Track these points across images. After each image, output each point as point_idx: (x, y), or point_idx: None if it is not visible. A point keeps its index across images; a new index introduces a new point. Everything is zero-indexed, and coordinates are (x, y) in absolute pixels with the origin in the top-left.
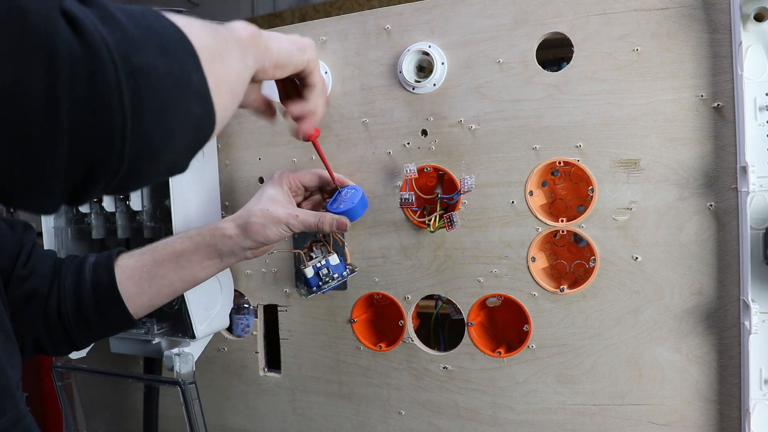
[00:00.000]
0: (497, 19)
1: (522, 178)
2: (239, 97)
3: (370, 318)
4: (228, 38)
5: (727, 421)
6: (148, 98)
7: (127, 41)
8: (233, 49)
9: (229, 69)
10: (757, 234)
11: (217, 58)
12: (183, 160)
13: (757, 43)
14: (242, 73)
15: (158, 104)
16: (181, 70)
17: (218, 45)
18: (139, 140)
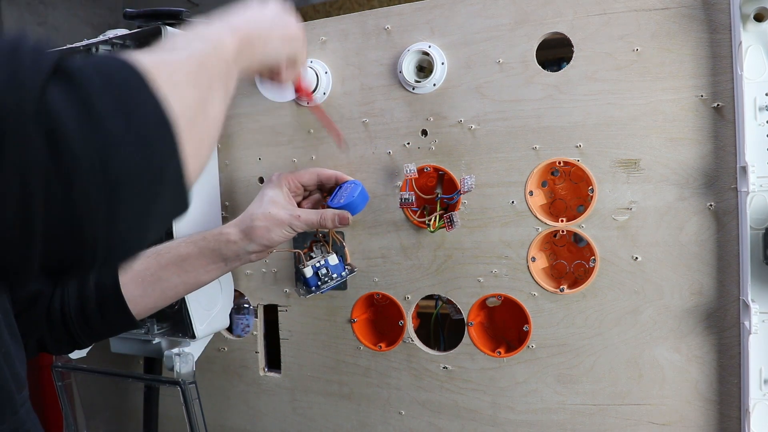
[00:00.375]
0: (497, 19)
1: (522, 178)
2: (217, 136)
3: (370, 318)
4: (213, 72)
5: (727, 421)
6: (125, 207)
7: (107, 141)
8: (218, 86)
9: (210, 121)
10: (756, 234)
11: (200, 115)
12: (157, 235)
13: (757, 43)
14: (224, 105)
15: (134, 211)
16: (160, 162)
17: (202, 94)
18: (112, 244)
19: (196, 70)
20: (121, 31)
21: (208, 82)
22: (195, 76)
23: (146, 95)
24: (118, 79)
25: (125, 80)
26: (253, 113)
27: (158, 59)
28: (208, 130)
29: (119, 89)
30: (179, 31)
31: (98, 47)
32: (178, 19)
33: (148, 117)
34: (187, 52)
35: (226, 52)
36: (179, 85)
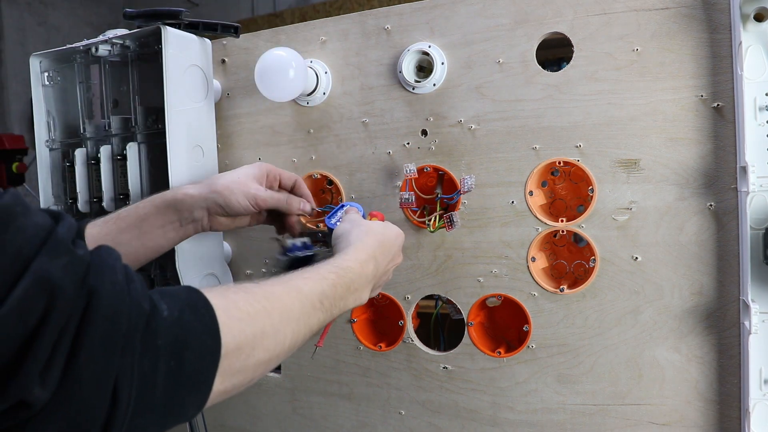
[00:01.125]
0: (497, 19)
1: (522, 178)
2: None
3: (370, 318)
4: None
5: (727, 421)
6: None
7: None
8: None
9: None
10: (756, 234)
11: (253, 380)
12: None
13: (757, 43)
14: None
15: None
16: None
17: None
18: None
19: (283, 341)
20: (121, 31)
21: (290, 343)
22: (277, 346)
23: (204, 370)
24: (192, 347)
25: (196, 349)
26: (253, 113)
27: (249, 336)
28: (255, 378)
29: (184, 359)
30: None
31: (98, 47)
32: (178, 19)
33: (190, 387)
34: (292, 323)
35: (342, 310)
36: (248, 363)
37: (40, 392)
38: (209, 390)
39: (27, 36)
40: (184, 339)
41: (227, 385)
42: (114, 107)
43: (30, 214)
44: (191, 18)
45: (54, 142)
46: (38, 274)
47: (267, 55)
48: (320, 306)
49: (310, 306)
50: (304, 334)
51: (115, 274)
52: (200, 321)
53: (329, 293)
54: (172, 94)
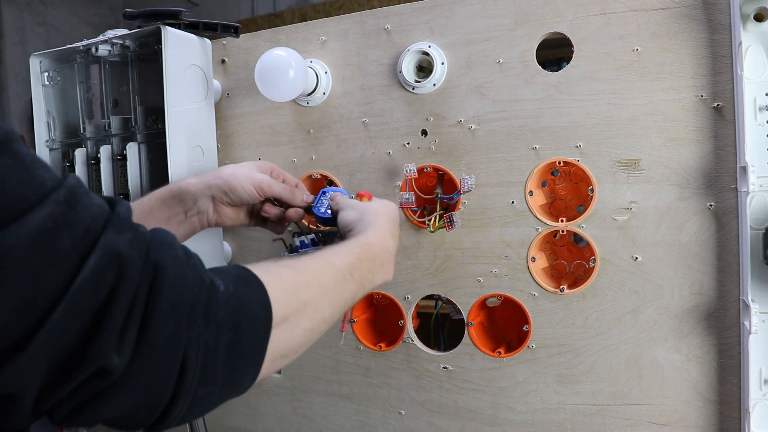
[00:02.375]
0: (497, 19)
1: (522, 178)
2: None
3: (370, 318)
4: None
5: (727, 421)
6: (189, 410)
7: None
8: (343, 310)
9: (313, 339)
10: (756, 234)
11: (298, 351)
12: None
13: (757, 43)
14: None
15: (196, 410)
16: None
17: (316, 329)
18: (171, 415)
19: (323, 313)
20: (121, 31)
21: (330, 314)
22: (318, 318)
23: (257, 341)
24: (248, 318)
25: (251, 321)
26: (253, 113)
27: (295, 307)
28: (300, 351)
29: (241, 330)
30: (359, 242)
31: (98, 47)
32: (178, 19)
33: (245, 359)
34: (331, 295)
35: (366, 290)
36: (294, 333)
37: (118, 360)
38: (262, 360)
39: (27, 36)
40: (241, 311)
41: (276, 356)
42: (114, 107)
43: (91, 195)
44: (191, 18)
45: (54, 142)
46: (107, 248)
47: (267, 55)
48: (350, 277)
49: (342, 278)
50: (339, 305)
51: (175, 250)
52: (253, 294)
53: (357, 265)
54: (172, 94)
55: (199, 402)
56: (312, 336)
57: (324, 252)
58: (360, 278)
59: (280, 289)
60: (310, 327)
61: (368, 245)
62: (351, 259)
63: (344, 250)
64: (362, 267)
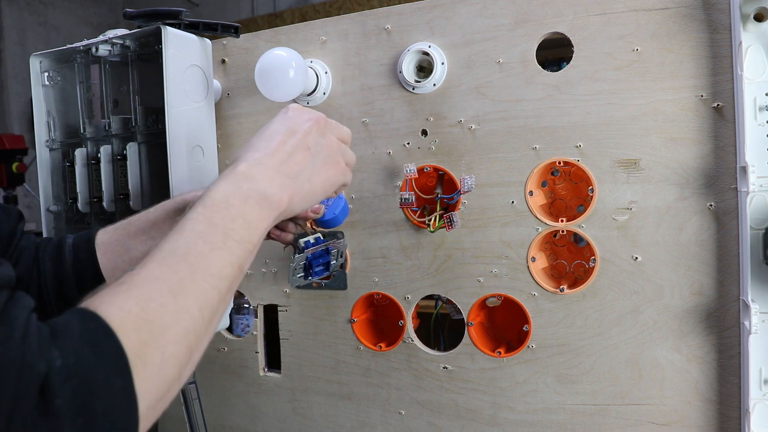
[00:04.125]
0: (497, 19)
1: (522, 178)
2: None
3: (370, 318)
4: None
5: (727, 421)
6: None
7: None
8: (225, 302)
9: (195, 359)
10: (756, 234)
11: (177, 382)
12: None
13: (757, 43)
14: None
15: None
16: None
17: (193, 349)
18: None
19: (195, 324)
20: (121, 31)
21: (208, 322)
22: (191, 333)
23: (119, 412)
24: (98, 395)
25: (103, 397)
26: (254, 113)
27: (153, 336)
28: (180, 385)
29: (93, 411)
30: (199, 209)
31: (98, 47)
32: (178, 19)
33: (112, 423)
34: (193, 291)
35: (253, 237)
36: (164, 367)
37: None
38: (136, 424)
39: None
40: (88, 388)
41: (155, 398)
42: (114, 107)
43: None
44: (191, 18)
45: (54, 142)
46: None
47: (267, 55)
48: (210, 248)
49: (198, 256)
50: (215, 287)
51: (12, 328)
52: (103, 359)
53: (209, 229)
54: (172, 94)
55: None
56: (193, 345)
57: (163, 242)
58: (225, 237)
59: (129, 328)
60: (184, 344)
61: (209, 197)
62: (196, 228)
63: (186, 223)
64: (217, 225)
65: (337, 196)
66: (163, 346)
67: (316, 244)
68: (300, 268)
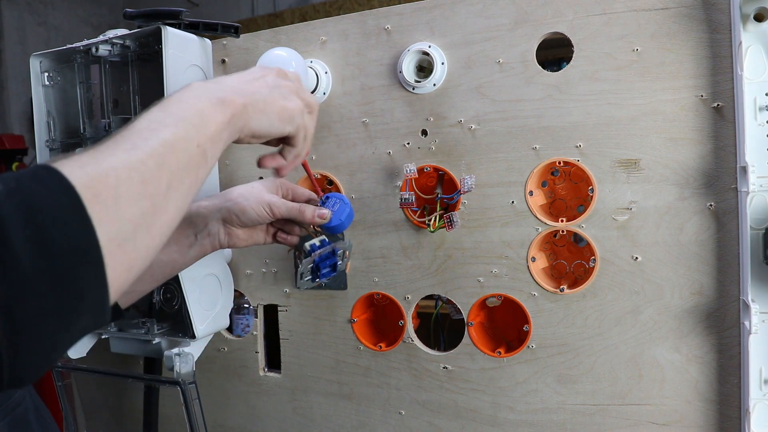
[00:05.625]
0: (497, 19)
1: (522, 178)
2: (169, 233)
3: (370, 318)
4: (179, 166)
5: (727, 421)
6: (30, 343)
7: (16, 283)
8: (182, 182)
9: (159, 227)
10: (756, 234)
11: (143, 228)
12: (70, 345)
13: (757, 43)
14: (189, 196)
15: (41, 343)
16: (76, 296)
17: (153, 202)
18: (17, 368)
19: (151, 175)
20: (121, 31)
21: (166, 184)
22: (147, 184)
23: (72, 227)
24: (43, 210)
25: (49, 211)
26: None
27: (101, 173)
28: (152, 240)
29: (41, 223)
30: (153, 108)
31: (98, 47)
32: (178, 18)
33: (68, 253)
34: (146, 148)
35: (207, 129)
36: (120, 204)
37: None
38: (96, 247)
39: (27, 36)
40: (29, 203)
41: (122, 243)
42: (114, 107)
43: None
44: (191, 18)
45: (54, 142)
46: None
47: (267, 55)
48: (161, 125)
49: (147, 128)
50: (167, 149)
51: None
52: (45, 184)
53: (163, 115)
54: None
55: (30, 325)
56: (150, 191)
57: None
58: (172, 118)
59: (75, 167)
60: (131, 185)
61: (166, 97)
62: (152, 114)
63: (143, 114)
64: (178, 112)
65: (343, 203)
66: (113, 185)
67: (322, 246)
68: (308, 272)
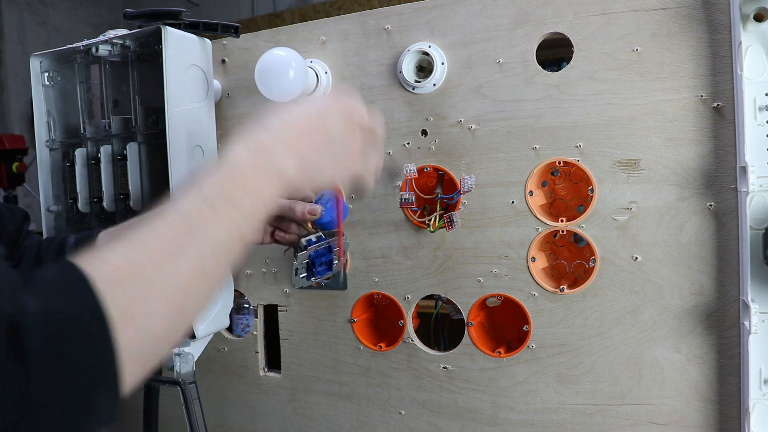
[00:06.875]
0: (497, 19)
1: (522, 178)
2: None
3: (370, 318)
4: (223, 263)
5: (727, 421)
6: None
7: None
8: (224, 274)
9: (189, 324)
10: (756, 234)
11: (167, 342)
12: None
13: (757, 43)
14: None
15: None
16: (88, 407)
17: (187, 312)
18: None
19: (189, 290)
20: (121, 31)
21: (204, 295)
22: (184, 300)
23: (95, 355)
24: (70, 339)
25: (76, 341)
26: (253, 113)
27: (141, 295)
28: (172, 345)
29: (64, 352)
30: (209, 179)
31: (98, 47)
32: (178, 19)
33: (86, 377)
34: (192, 255)
35: (260, 216)
36: (151, 323)
37: None
38: (116, 376)
39: (27, 36)
40: (59, 333)
41: (142, 357)
42: (114, 107)
43: None
44: (191, 18)
45: (54, 142)
46: None
47: (267, 55)
48: (212, 211)
49: (199, 219)
50: (211, 253)
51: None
52: (75, 304)
53: (215, 191)
54: (172, 94)
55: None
56: (185, 310)
57: (171, 201)
58: (227, 203)
59: (112, 281)
60: (172, 306)
61: (221, 161)
62: (202, 190)
63: (192, 184)
64: (225, 189)
65: (336, 199)
66: (148, 302)
67: (317, 242)
68: (303, 267)
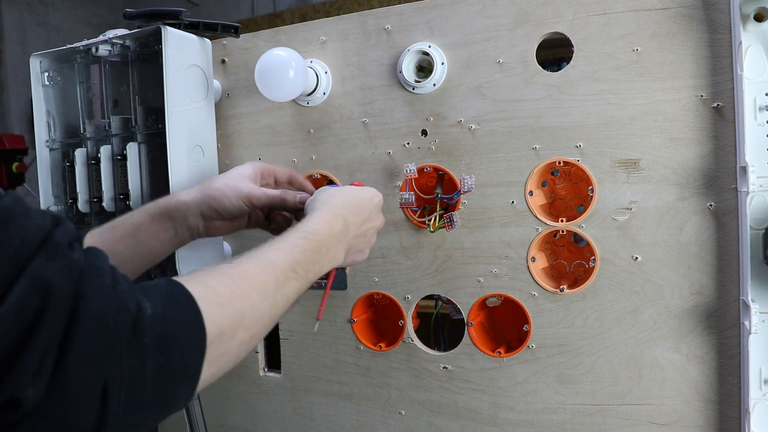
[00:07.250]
0: (497, 19)
1: (522, 178)
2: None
3: (370, 318)
4: (292, 303)
5: (727, 421)
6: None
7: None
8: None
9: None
10: (756, 234)
11: (238, 357)
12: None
13: (757, 43)
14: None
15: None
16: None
17: (257, 336)
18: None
19: (266, 321)
20: (121, 31)
21: (272, 322)
22: (259, 329)
23: (190, 360)
24: (178, 341)
25: (181, 344)
26: (253, 113)
27: (233, 320)
28: (239, 360)
29: (172, 354)
30: (308, 245)
31: (98, 47)
32: (178, 19)
33: (180, 378)
34: (278, 298)
35: (322, 273)
36: (233, 342)
37: (31, 391)
38: (198, 379)
39: (27, 36)
40: (170, 334)
41: (214, 370)
42: (114, 107)
43: (30, 216)
44: (191, 18)
45: (54, 142)
46: (35, 276)
47: (267, 55)
48: (294, 275)
49: (284, 277)
50: (282, 305)
51: (101, 276)
52: (184, 314)
53: (301, 260)
54: (172, 94)
55: (132, 427)
56: (252, 344)
57: (264, 249)
58: (305, 272)
59: (215, 303)
60: (248, 337)
61: (312, 233)
62: (294, 254)
63: (286, 245)
64: (307, 259)
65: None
66: (236, 328)
67: None
68: None
